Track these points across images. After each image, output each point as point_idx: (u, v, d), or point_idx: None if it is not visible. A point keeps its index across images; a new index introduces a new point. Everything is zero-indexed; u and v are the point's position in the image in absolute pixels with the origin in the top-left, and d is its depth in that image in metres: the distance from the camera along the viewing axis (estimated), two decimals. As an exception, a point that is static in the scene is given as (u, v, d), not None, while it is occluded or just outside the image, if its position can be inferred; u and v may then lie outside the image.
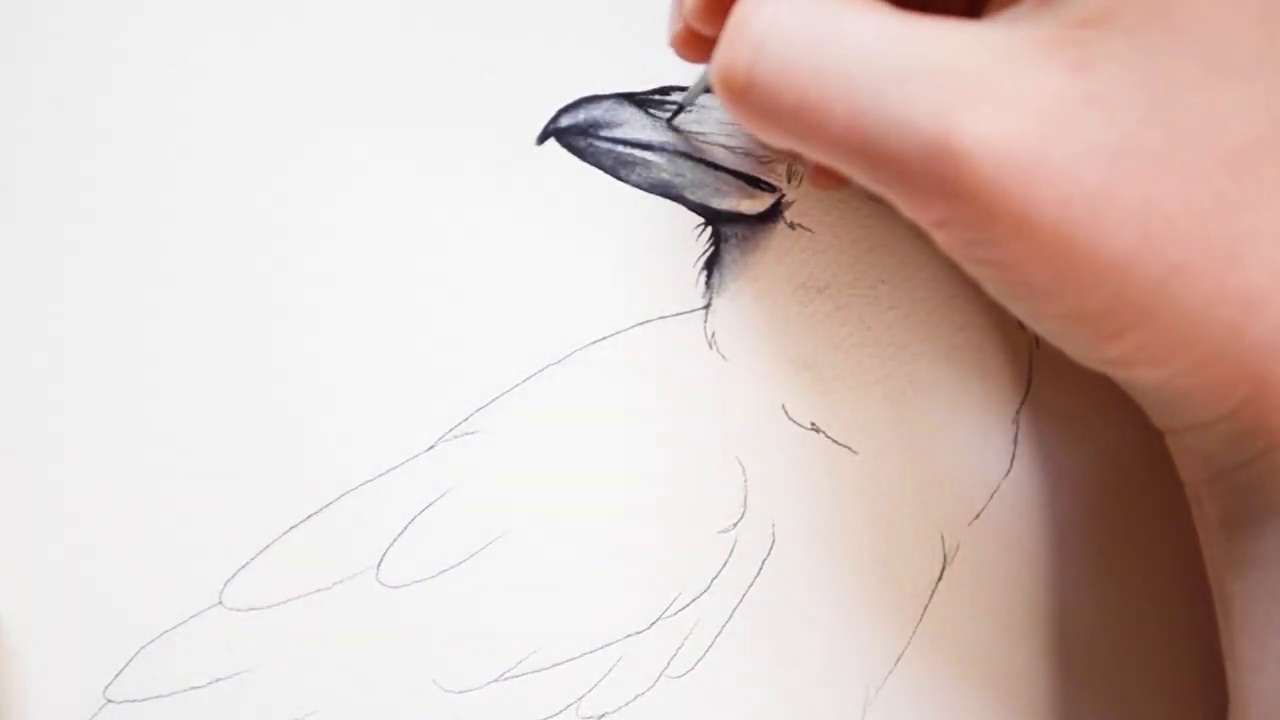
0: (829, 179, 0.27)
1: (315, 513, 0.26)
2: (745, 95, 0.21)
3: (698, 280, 0.27)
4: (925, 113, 0.20)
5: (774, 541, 0.27)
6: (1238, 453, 0.22)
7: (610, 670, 0.26)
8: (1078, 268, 0.20)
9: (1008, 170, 0.20)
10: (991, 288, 0.22)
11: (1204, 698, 0.27)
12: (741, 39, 0.21)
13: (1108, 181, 0.20)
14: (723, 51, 0.22)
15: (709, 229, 0.27)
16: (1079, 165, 0.20)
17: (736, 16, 0.21)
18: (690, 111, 0.27)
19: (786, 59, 0.21)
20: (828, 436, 0.27)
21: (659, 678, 0.26)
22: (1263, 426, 0.21)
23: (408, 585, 0.26)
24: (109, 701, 0.26)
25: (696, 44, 0.25)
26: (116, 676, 0.26)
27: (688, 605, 0.27)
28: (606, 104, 0.27)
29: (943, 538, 0.27)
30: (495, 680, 0.26)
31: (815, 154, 0.22)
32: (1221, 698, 0.24)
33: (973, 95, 0.20)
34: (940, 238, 0.22)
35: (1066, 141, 0.20)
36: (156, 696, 0.26)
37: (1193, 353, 0.21)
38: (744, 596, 0.27)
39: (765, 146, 0.27)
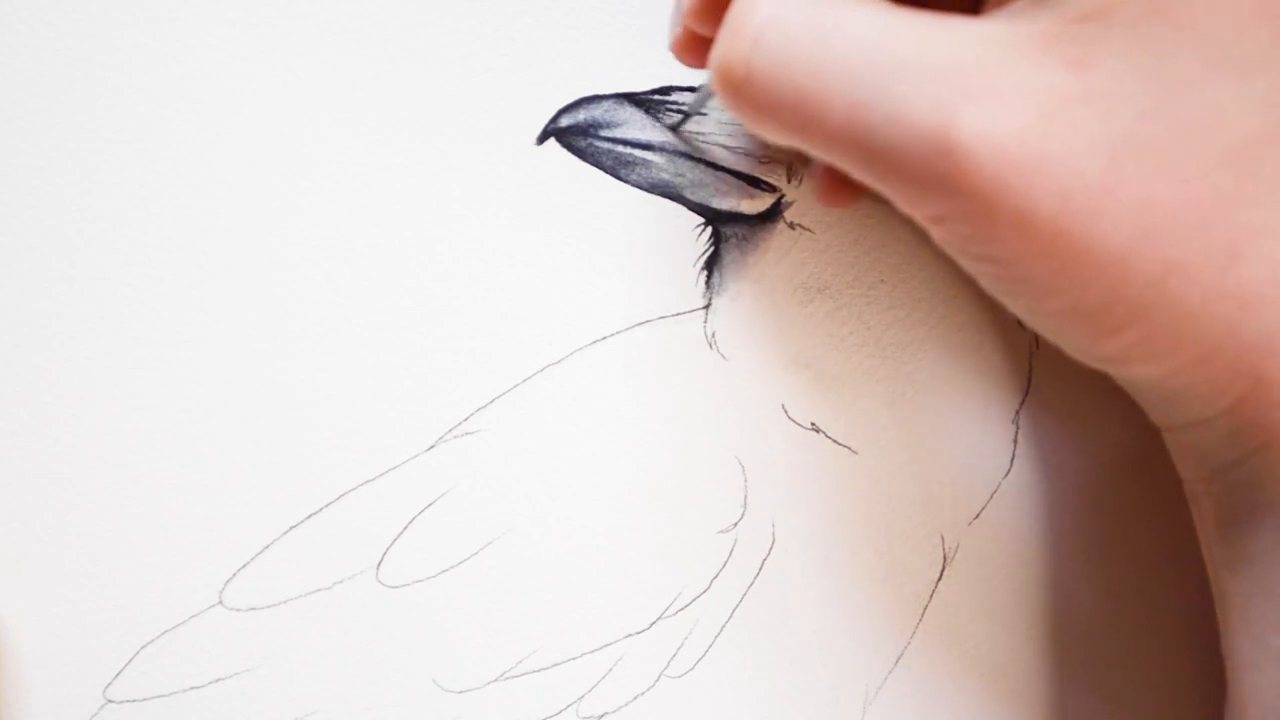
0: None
1: (315, 513, 0.26)
2: (743, 89, 0.21)
3: (698, 280, 0.27)
4: (924, 108, 0.20)
5: (774, 541, 0.27)
6: (1234, 450, 0.22)
7: (610, 670, 0.26)
8: (1076, 264, 0.20)
9: (1007, 166, 0.20)
10: (989, 284, 0.22)
11: (1203, 696, 0.27)
12: (740, 32, 0.21)
13: (1107, 177, 0.20)
14: (721, 45, 0.22)
15: (709, 229, 0.27)
16: (1078, 161, 0.20)
17: (735, 10, 0.22)
18: (701, 117, 0.27)
19: (785, 53, 0.21)
20: (828, 436, 0.27)
21: (659, 678, 0.26)
22: (1259, 423, 0.21)
23: (408, 585, 0.26)
24: (109, 701, 0.26)
25: (697, 47, 0.25)
26: (116, 676, 0.26)
27: (688, 605, 0.27)
28: (606, 104, 0.27)
29: (943, 538, 0.27)
30: (495, 680, 0.26)
31: (813, 149, 0.22)
32: (1221, 696, 0.24)
33: (972, 91, 0.20)
34: (938, 233, 0.22)
35: (1065, 137, 0.20)
36: (156, 696, 0.26)
37: (1190, 349, 0.21)
38: (744, 596, 0.27)
39: (766, 146, 0.27)
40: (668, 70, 0.27)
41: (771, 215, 0.28)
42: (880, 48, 0.20)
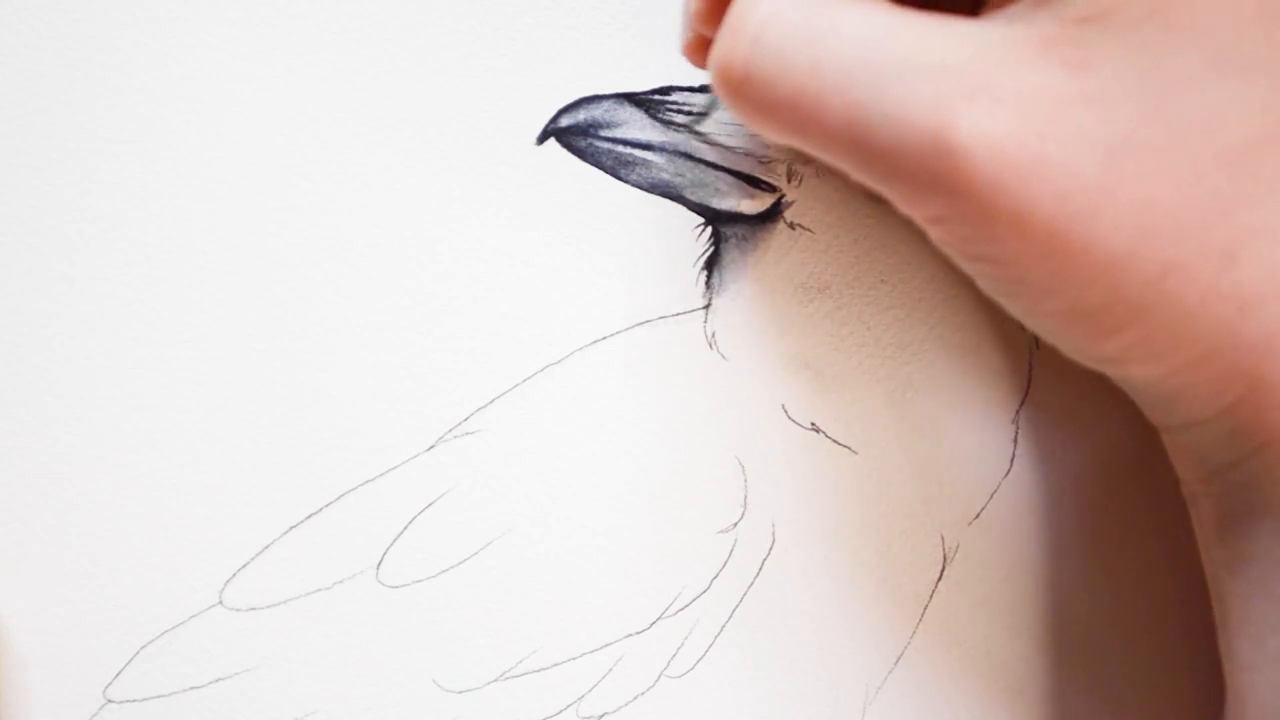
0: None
1: (315, 513, 0.26)
2: (741, 88, 0.21)
3: (698, 280, 0.27)
4: (923, 108, 0.20)
5: (774, 541, 0.27)
6: (1232, 451, 0.22)
7: (610, 670, 0.26)
8: (1074, 264, 0.20)
9: (1005, 167, 0.20)
10: (987, 285, 0.22)
11: (1203, 696, 0.27)
12: (739, 32, 0.21)
13: (1104, 178, 0.20)
14: (720, 44, 0.22)
15: (709, 229, 0.27)
16: (1076, 162, 0.20)
17: (735, 10, 0.22)
18: (701, 117, 0.27)
19: (784, 52, 0.21)
20: (828, 436, 0.27)
21: (659, 678, 0.26)
22: (1257, 424, 0.21)
23: (408, 585, 0.26)
24: (109, 701, 0.26)
25: (707, 50, 0.25)
26: (116, 676, 0.26)
27: (688, 605, 0.27)
28: (606, 104, 0.27)
29: (943, 538, 0.27)
30: (495, 680, 0.26)
31: (811, 149, 0.22)
32: (1220, 696, 0.24)
33: (971, 92, 0.20)
34: (936, 234, 0.22)
35: (1064, 139, 0.20)
36: (156, 696, 0.26)
37: (1187, 350, 0.21)
38: (744, 596, 0.27)
39: (766, 146, 0.27)
40: (668, 70, 0.27)
41: (771, 215, 0.28)
42: (879, 48, 0.20)
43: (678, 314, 0.27)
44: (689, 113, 0.27)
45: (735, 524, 0.27)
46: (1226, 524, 0.23)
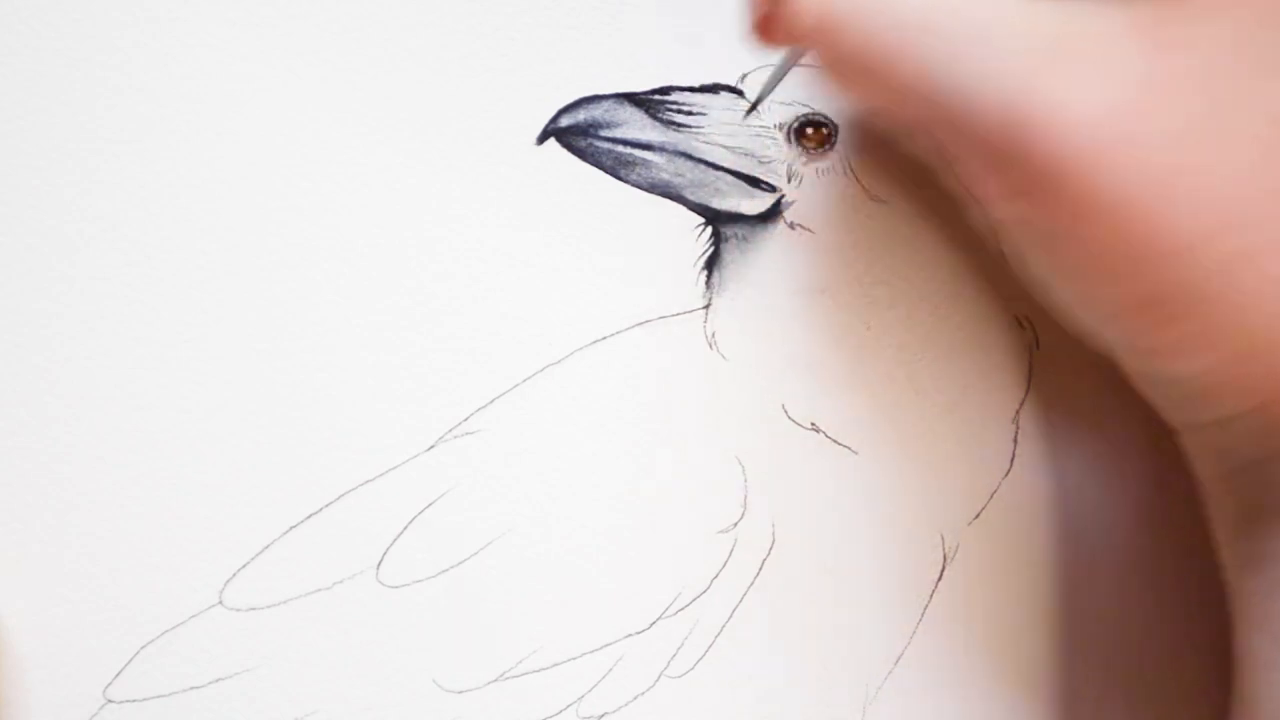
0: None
1: (315, 513, 0.26)
2: (818, 32, 0.21)
3: (698, 280, 0.27)
4: (1006, 74, 0.20)
5: (774, 541, 0.27)
6: (1259, 448, 0.22)
7: (610, 670, 0.26)
8: (1143, 248, 0.20)
9: (1084, 143, 0.19)
10: (1042, 268, 0.22)
11: (1202, 696, 0.27)
12: None
13: (1182, 163, 0.19)
14: None
15: (709, 229, 0.27)
16: (1156, 144, 0.19)
17: None
18: (701, 116, 0.27)
19: (860, 3, 0.21)
20: (828, 436, 0.27)
21: (659, 678, 0.26)
22: None
23: (408, 585, 0.26)
24: (109, 701, 0.26)
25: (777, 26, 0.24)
26: (116, 676, 0.26)
27: (688, 605, 0.27)
28: (606, 104, 0.27)
29: (943, 538, 0.27)
30: (495, 680, 0.26)
31: (882, 102, 0.21)
32: (1220, 697, 0.24)
33: (1057, 65, 0.20)
34: (1001, 210, 0.21)
35: (1146, 120, 0.19)
36: (156, 696, 0.26)
37: (1237, 343, 0.20)
38: (744, 596, 0.27)
39: (766, 146, 0.27)
40: (668, 70, 0.27)
41: (771, 215, 0.28)
42: (964, 8, 0.20)
43: (678, 314, 0.27)
44: (689, 113, 0.27)
45: (735, 524, 0.27)
46: (1247, 521, 0.23)
